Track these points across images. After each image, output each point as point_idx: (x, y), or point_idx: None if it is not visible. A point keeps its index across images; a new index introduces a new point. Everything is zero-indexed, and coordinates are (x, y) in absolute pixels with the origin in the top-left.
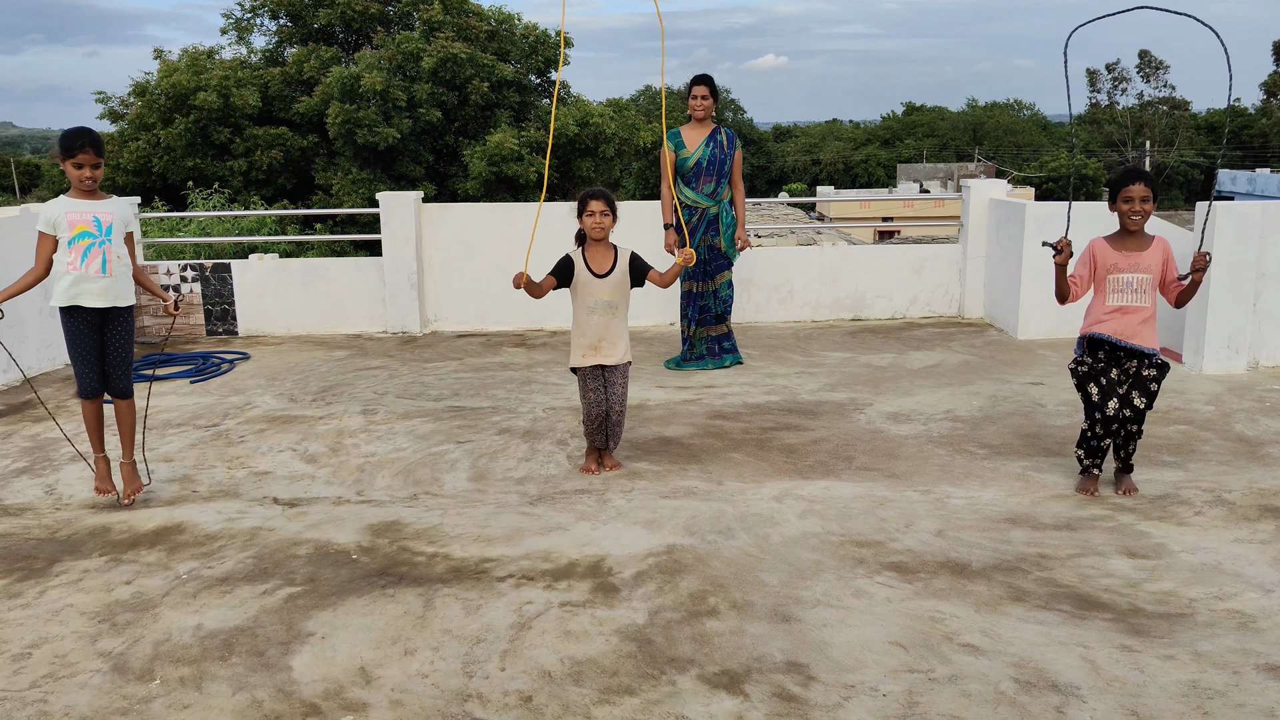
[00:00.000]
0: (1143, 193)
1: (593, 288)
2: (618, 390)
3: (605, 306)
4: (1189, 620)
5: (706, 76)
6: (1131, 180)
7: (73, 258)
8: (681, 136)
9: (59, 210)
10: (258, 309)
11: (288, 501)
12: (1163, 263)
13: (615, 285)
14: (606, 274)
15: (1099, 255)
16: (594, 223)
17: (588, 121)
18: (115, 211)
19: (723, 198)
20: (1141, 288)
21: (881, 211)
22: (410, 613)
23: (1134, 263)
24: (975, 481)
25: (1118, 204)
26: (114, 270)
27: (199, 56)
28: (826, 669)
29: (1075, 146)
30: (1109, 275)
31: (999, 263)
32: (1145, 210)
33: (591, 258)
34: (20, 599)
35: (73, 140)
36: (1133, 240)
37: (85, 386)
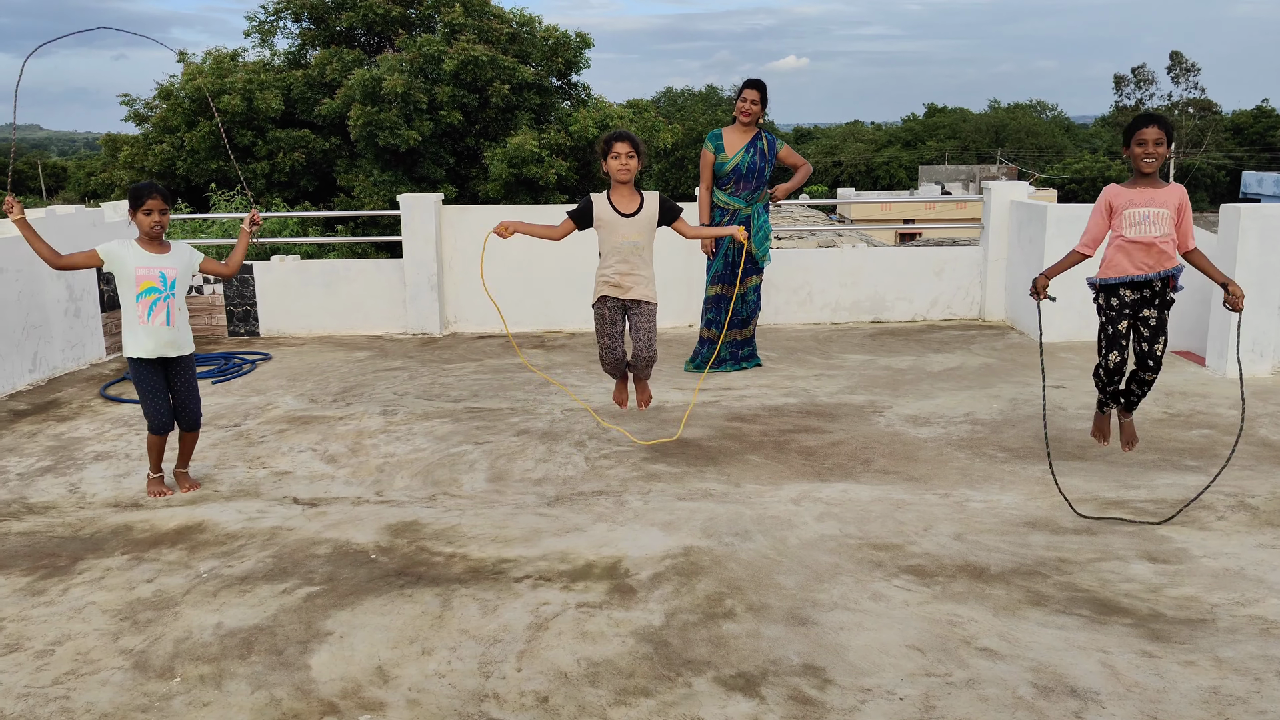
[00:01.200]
0: (1156, 135)
1: (618, 228)
2: (643, 335)
3: (631, 248)
4: (1210, 626)
5: (760, 82)
6: (1145, 124)
7: (140, 311)
8: (722, 139)
9: (129, 260)
10: (279, 310)
11: (307, 501)
12: (1179, 203)
13: (642, 226)
14: (634, 214)
15: (1114, 197)
16: (619, 165)
17: (608, 124)
18: (178, 265)
19: (757, 200)
20: (1159, 220)
21: (902, 213)
22: (428, 613)
23: (1149, 198)
24: (995, 485)
25: (1131, 148)
26: (175, 322)
27: (222, 59)
28: (843, 672)
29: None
30: (1125, 210)
31: (1020, 265)
32: (1159, 153)
33: (617, 199)
34: (44, 596)
35: (141, 191)
36: (1147, 181)
37: (155, 424)
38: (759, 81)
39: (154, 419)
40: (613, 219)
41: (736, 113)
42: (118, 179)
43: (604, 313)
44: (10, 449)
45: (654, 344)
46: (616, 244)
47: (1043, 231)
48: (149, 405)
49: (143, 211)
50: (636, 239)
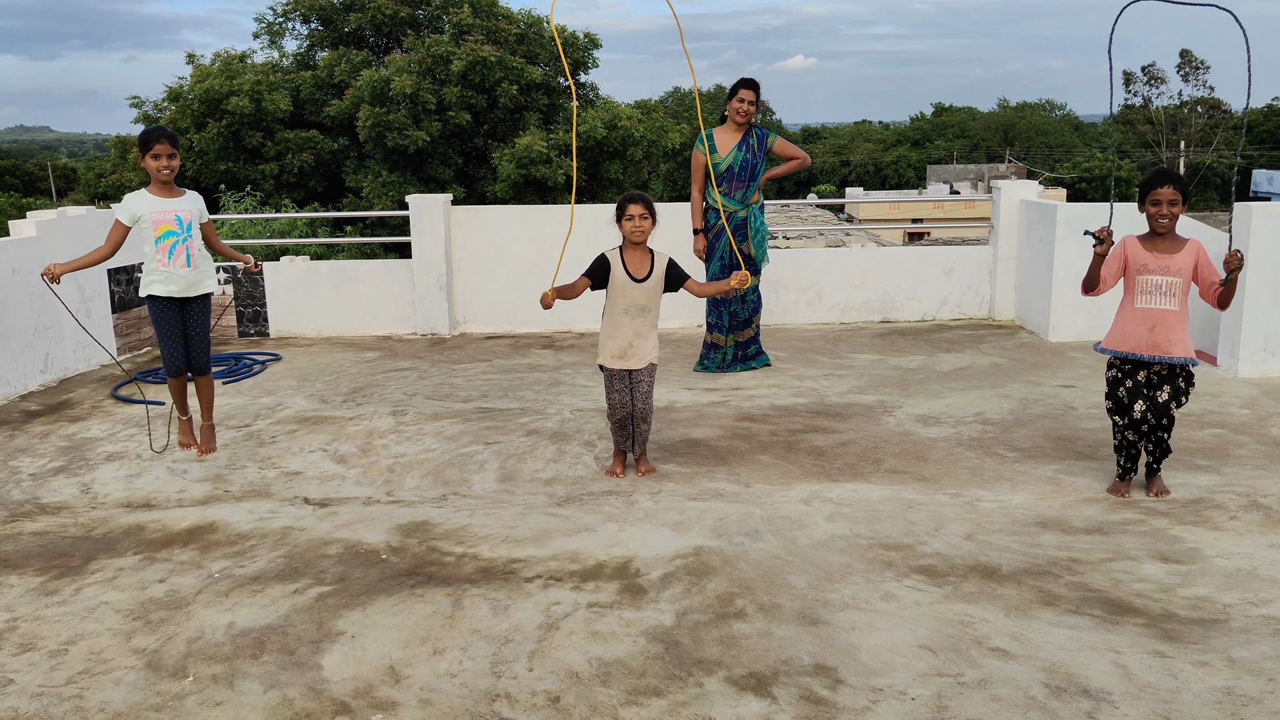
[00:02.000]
0: (1171, 195)
1: (628, 291)
2: (642, 389)
3: (639, 310)
4: (1223, 626)
5: (755, 82)
6: (1160, 183)
7: (161, 256)
8: (714, 140)
9: (144, 209)
10: (289, 311)
11: (318, 501)
12: (1194, 266)
13: (650, 290)
14: (644, 279)
15: (1130, 253)
16: (633, 226)
17: (616, 124)
18: (193, 207)
19: (752, 202)
20: (1171, 290)
21: (911, 213)
22: (439, 612)
23: (1164, 265)
24: (1005, 485)
25: (1146, 206)
26: (197, 263)
27: (231, 61)
28: (855, 672)
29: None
30: (1138, 275)
31: (1030, 264)
32: (1173, 213)
33: (630, 260)
34: (57, 596)
35: (149, 135)
36: (1164, 242)
37: (171, 366)
38: (754, 81)
39: (170, 362)
40: (624, 282)
41: (731, 113)
42: (127, 180)
43: (613, 381)
44: (23, 449)
45: (651, 398)
46: (625, 305)
47: (1052, 230)
48: (165, 347)
49: (151, 156)
50: (644, 302)
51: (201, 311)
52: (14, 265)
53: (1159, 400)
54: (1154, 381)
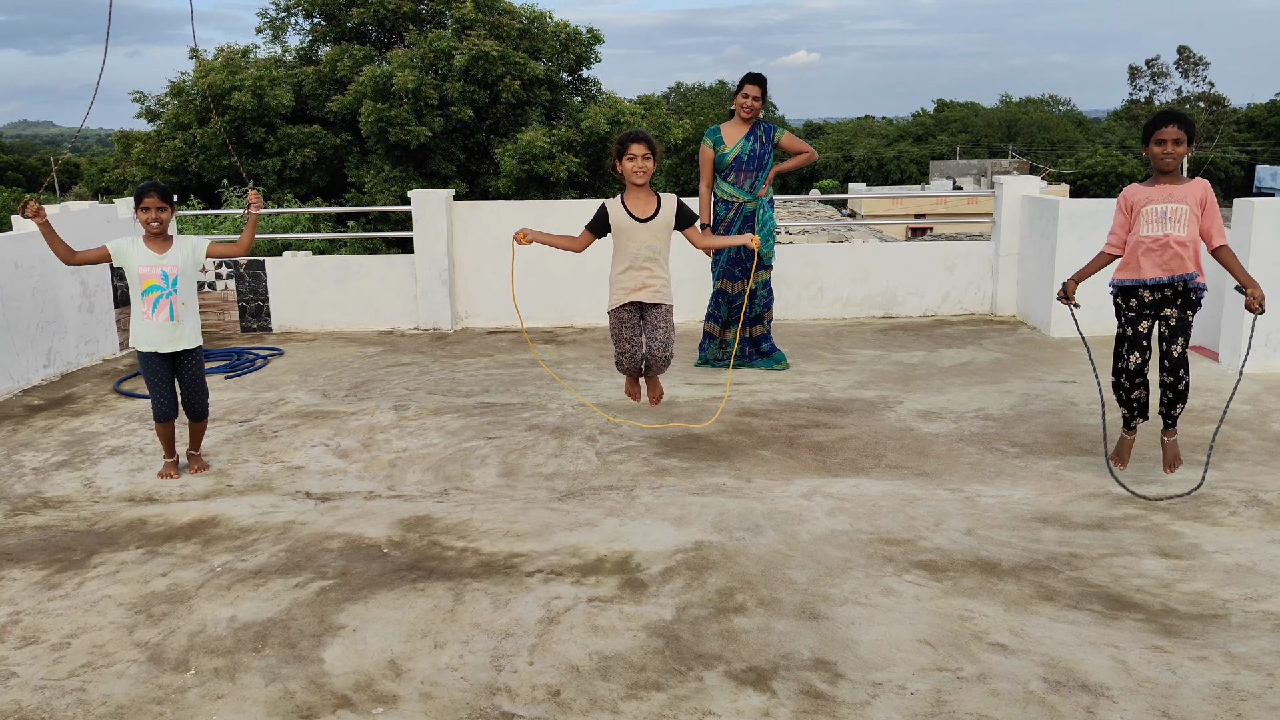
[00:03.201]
0: (1175, 134)
1: (636, 233)
2: (660, 334)
3: (649, 252)
4: (1223, 621)
5: (760, 76)
6: (1165, 122)
7: (145, 308)
8: (721, 134)
9: (134, 259)
10: (291, 305)
11: (320, 496)
12: (1201, 198)
13: (659, 229)
14: (650, 218)
15: (1132, 195)
16: (635, 166)
17: (619, 119)
18: (179, 263)
19: (760, 194)
20: (1177, 216)
21: (914, 208)
22: (440, 606)
23: (1168, 194)
24: (1006, 480)
25: (1150, 147)
26: (180, 317)
27: (234, 56)
28: (854, 667)
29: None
30: (1143, 208)
31: (1032, 260)
32: (1178, 152)
33: (632, 203)
34: (60, 590)
35: (140, 190)
36: (1167, 179)
37: (159, 412)
38: (759, 76)
39: (157, 408)
40: (629, 225)
41: (736, 108)
42: (130, 175)
43: (622, 317)
44: (25, 444)
45: (671, 344)
46: (634, 249)
47: (1054, 226)
48: (153, 394)
49: (140, 209)
50: (654, 243)
51: (193, 364)
52: (16, 260)
53: (1173, 353)
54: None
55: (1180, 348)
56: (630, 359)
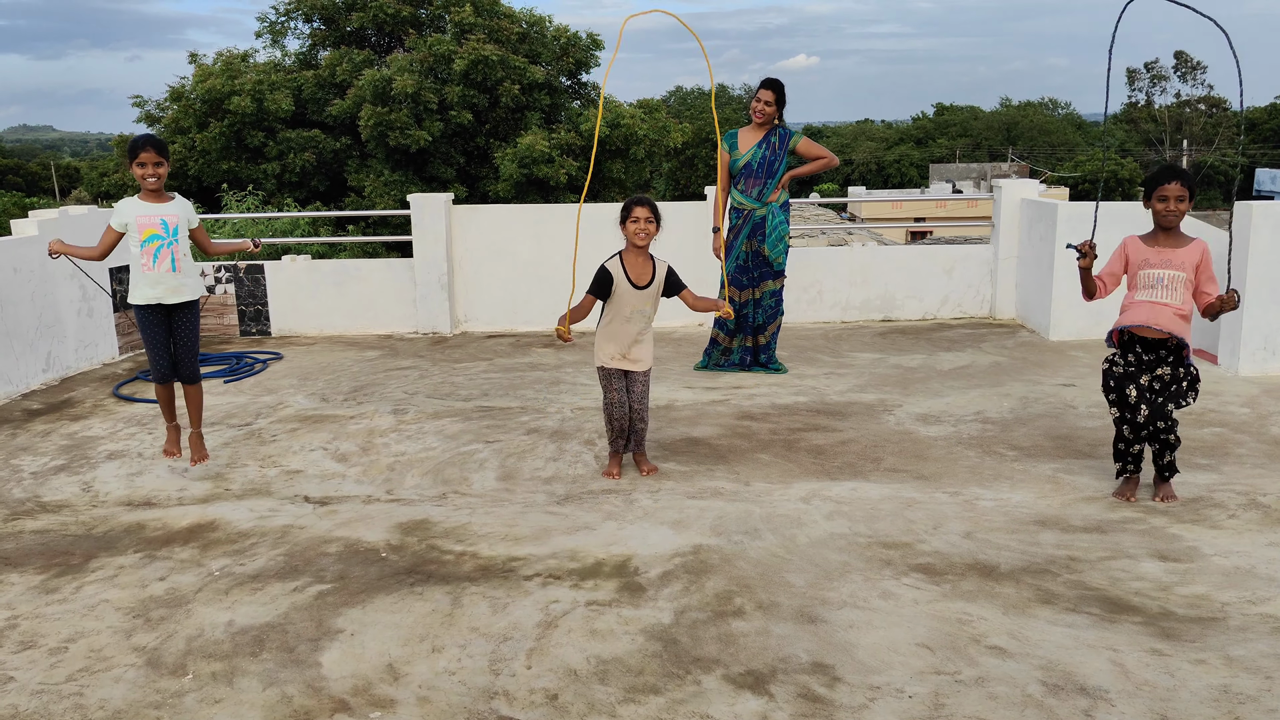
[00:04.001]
0: (1178, 192)
1: (630, 298)
2: (638, 390)
3: (640, 316)
4: (1221, 624)
5: (776, 82)
6: (1167, 179)
7: (145, 260)
8: (737, 138)
9: (130, 214)
10: (290, 310)
11: (319, 500)
12: (1198, 264)
13: (651, 296)
14: (646, 285)
15: (1131, 251)
16: (638, 229)
17: (619, 123)
18: (179, 212)
19: (770, 200)
20: (1173, 284)
21: (913, 212)
22: (438, 611)
23: (1166, 259)
24: (1005, 483)
25: (1152, 203)
26: (182, 267)
27: (233, 60)
28: (852, 670)
29: (1109, 145)
30: (1140, 270)
31: (1031, 263)
32: (1180, 210)
33: (631, 267)
34: (58, 594)
35: (136, 143)
36: (1167, 238)
37: (157, 372)
38: (775, 81)
39: (156, 369)
40: (626, 290)
41: (751, 112)
42: (130, 179)
43: (610, 371)
44: (24, 448)
45: (647, 400)
46: (627, 312)
47: (1054, 230)
48: (152, 354)
49: (137, 164)
50: (644, 308)
51: (189, 319)
52: (16, 264)
53: (1164, 410)
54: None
55: (1165, 401)
56: (620, 408)
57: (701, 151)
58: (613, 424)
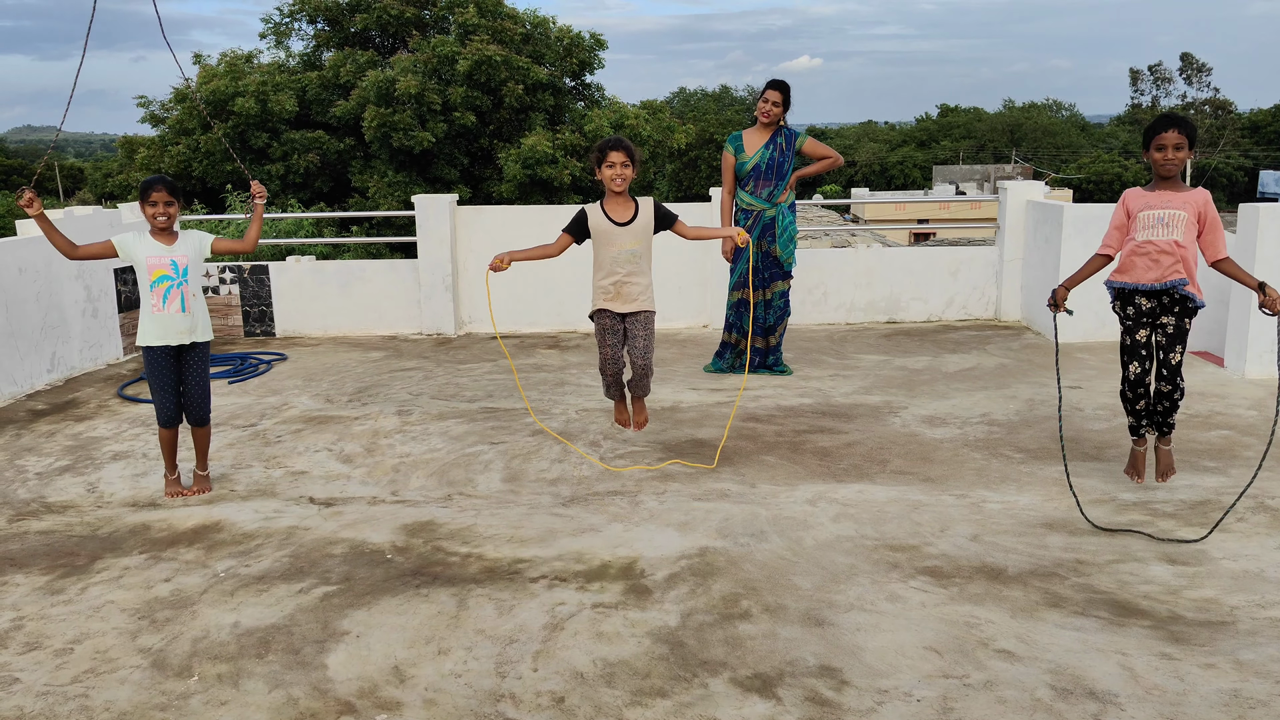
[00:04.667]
0: (1176, 139)
1: (615, 236)
2: (639, 342)
3: (629, 256)
4: (1230, 628)
5: (782, 83)
6: (1165, 126)
7: (155, 300)
8: (742, 140)
9: (140, 251)
10: (295, 310)
11: (324, 501)
12: (1201, 206)
13: (639, 233)
14: (628, 222)
15: (1131, 200)
16: (614, 174)
17: (622, 124)
18: (189, 252)
19: (779, 201)
20: (1173, 222)
21: (917, 213)
22: (444, 612)
23: (1167, 201)
24: (1012, 486)
25: (1150, 152)
26: (192, 308)
27: (237, 61)
28: (860, 673)
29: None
30: (1140, 213)
31: (1036, 265)
32: (1179, 158)
33: (611, 208)
34: (63, 595)
35: (148, 184)
36: (1167, 185)
37: (164, 416)
38: (781, 82)
39: (162, 411)
40: (608, 229)
41: (757, 113)
42: (134, 180)
43: (604, 322)
44: (29, 449)
45: (650, 352)
46: (614, 254)
47: (1059, 231)
48: (158, 397)
49: (148, 204)
50: (634, 246)
51: (199, 361)
52: (20, 264)
53: (1171, 361)
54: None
55: (1177, 355)
56: (614, 364)
57: (705, 153)
58: (605, 376)
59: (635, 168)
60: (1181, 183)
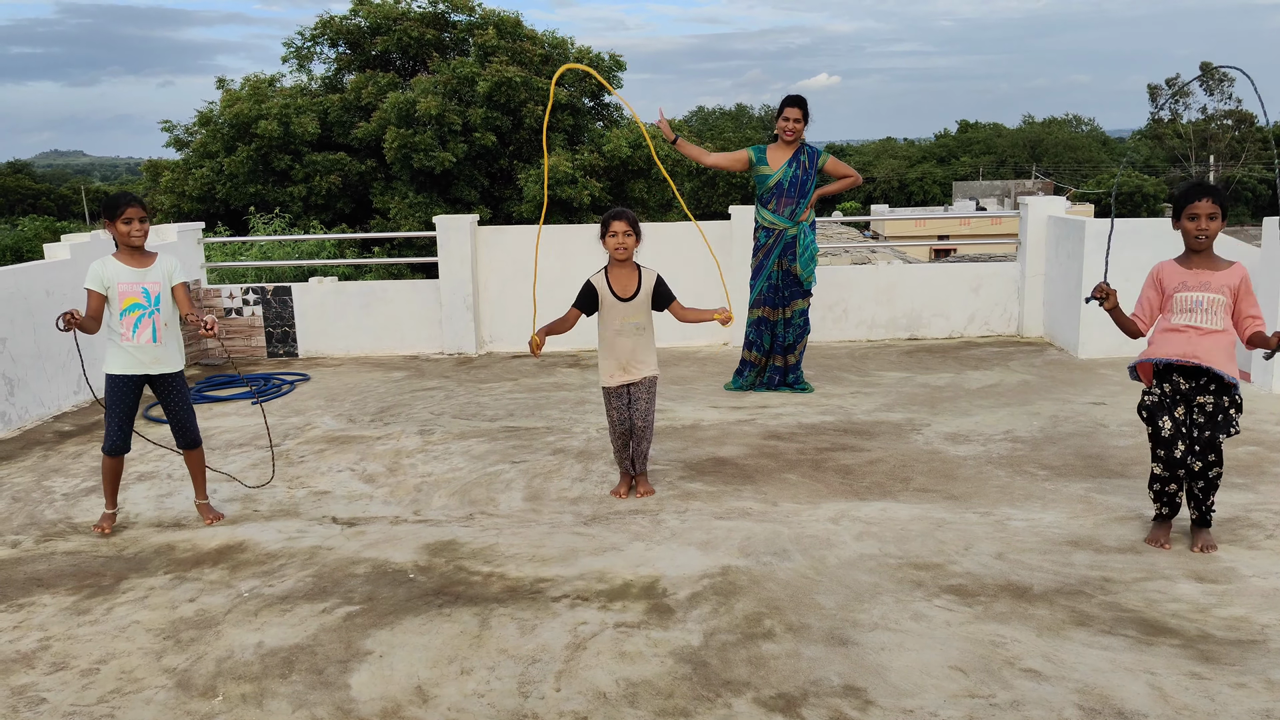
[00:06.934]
0: (1209, 209)
1: (618, 310)
2: (641, 405)
3: (633, 329)
4: (1261, 647)
5: (800, 99)
6: (1197, 196)
7: (125, 330)
8: (765, 154)
9: (110, 277)
10: (317, 331)
11: (346, 521)
12: (1238, 287)
13: (640, 307)
14: (631, 297)
15: (1165, 276)
16: (616, 243)
17: (640, 144)
18: (161, 279)
19: (801, 219)
20: (1213, 308)
21: (937, 230)
22: (466, 632)
23: (1204, 281)
24: (1036, 503)
25: (1182, 221)
26: (163, 338)
27: (260, 85)
28: (885, 693)
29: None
30: (1176, 294)
31: (1058, 280)
32: (1212, 229)
33: (615, 280)
34: (89, 615)
35: (117, 200)
36: (1202, 260)
37: (110, 444)
38: (799, 98)
39: (110, 439)
40: (611, 303)
41: (779, 131)
42: (159, 204)
43: (611, 400)
44: (56, 469)
45: (651, 415)
46: (618, 326)
47: (1081, 246)
48: (112, 422)
49: (122, 220)
50: (636, 319)
51: (177, 387)
52: (48, 287)
53: (1204, 437)
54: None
55: (1213, 433)
56: (622, 425)
57: (723, 171)
58: (615, 440)
59: (638, 238)
60: (1215, 256)
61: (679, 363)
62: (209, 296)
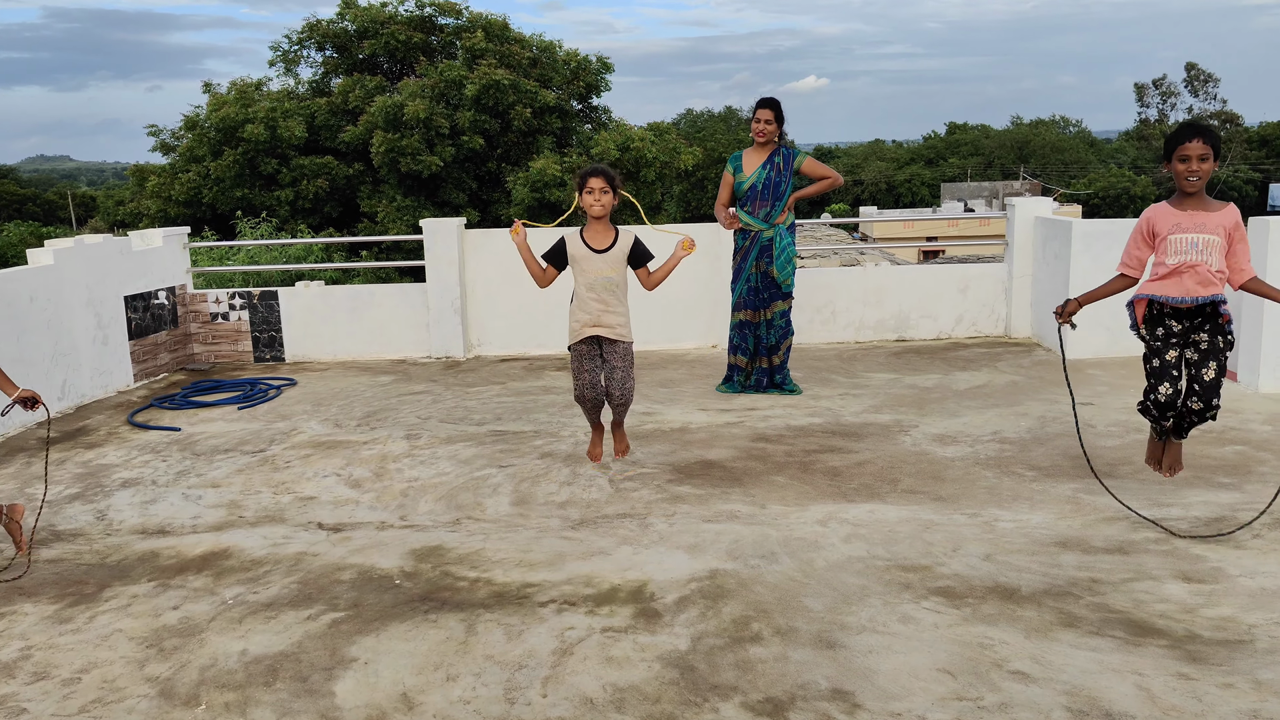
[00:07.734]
0: (1200, 150)
1: (592, 263)
2: (618, 375)
3: (605, 283)
4: (1248, 647)
5: (773, 100)
6: (1189, 136)
7: None
8: (741, 160)
9: None
10: (304, 335)
11: (332, 526)
12: (1232, 228)
13: (615, 261)
14: (606, 249)
15: (1157, 219)
16: (593, 199)
17: (629, 146)
18: None
19: (777, 222)
20: (1208, 248)
21: (925, 231)
22: (453, 638)
23: (1200, 223)
24: (1024, 504)
25: (1173, 163)
26: None
27: (247, 89)
28: (872, 696)
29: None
30: (1170, 235)
31: (1046, 281)
32: (1204, 169)
33: (590, 235)
34: (71, 624)
35: None
36: (1195, 201)
37: None
38: (772, 100)
39: None
40: (584, 254)
41: (753, 134)
42: (145, 208)
43: (581, 349)
44: (39, 476)
45: (629, 382)
46: (591, 280)
47: (1068, 247)
48: None
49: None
50: (610, 274)
51: None
52: (32, 293)
53: (1205, 378)
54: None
55: (1213, 372)
56: (592, 389)
57: (712, 173)
58: (585, 403)
59: (616, 195)
60: (1208, 198)
61: (667, 365)
62: (195, 301)
